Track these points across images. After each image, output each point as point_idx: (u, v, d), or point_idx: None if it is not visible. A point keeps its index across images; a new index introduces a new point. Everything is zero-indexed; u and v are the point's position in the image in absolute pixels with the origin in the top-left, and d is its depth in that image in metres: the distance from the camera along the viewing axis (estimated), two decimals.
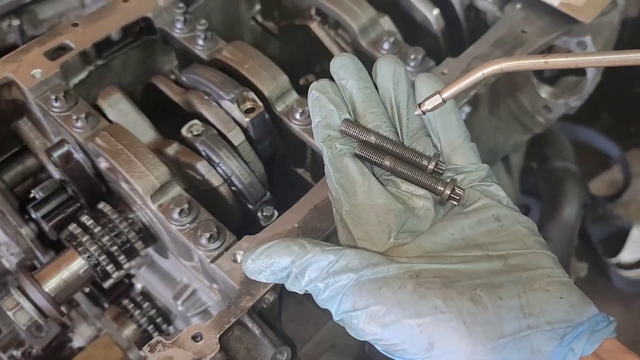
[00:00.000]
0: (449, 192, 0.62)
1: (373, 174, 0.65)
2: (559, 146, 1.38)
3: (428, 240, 0.59)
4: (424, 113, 0.63)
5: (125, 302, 1.11)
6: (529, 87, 1.22)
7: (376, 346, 0.56)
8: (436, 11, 1.06)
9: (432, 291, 0.53)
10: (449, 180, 0.63)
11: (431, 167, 0.64)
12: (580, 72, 1.15)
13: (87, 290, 1.21)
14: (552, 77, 1.30)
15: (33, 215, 0.98)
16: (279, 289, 0.80)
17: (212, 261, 0.78)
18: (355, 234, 0.61)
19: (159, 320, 1.10)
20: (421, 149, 0.65)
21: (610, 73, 1.18)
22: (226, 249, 0.79)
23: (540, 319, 0.52)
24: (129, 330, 1.10)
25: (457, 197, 0.63)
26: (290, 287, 0.60)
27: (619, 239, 2.04)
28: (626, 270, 2.02)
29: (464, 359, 0.51)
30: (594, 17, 1.00)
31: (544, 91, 1.21)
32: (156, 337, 0.70)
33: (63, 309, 1.22)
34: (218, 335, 0.72)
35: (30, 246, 1.11)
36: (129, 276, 1.15)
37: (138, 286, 1.15)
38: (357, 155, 0.65)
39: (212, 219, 0.80)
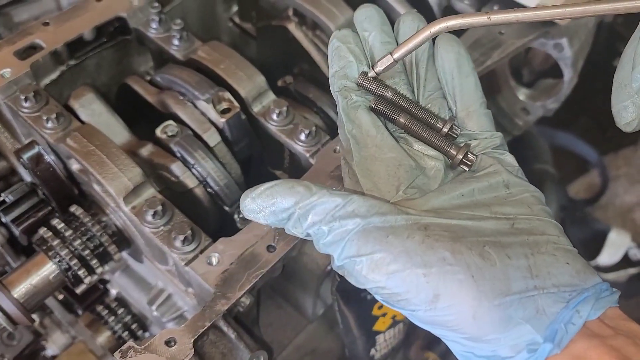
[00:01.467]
0: (461, 156, 0.61)
1: (387, 129, 0.64)
2: (537, 149, 1.38)
3: (437, 197, 0.58)
4: (377, 74, 0.63)
5: (100, 308, 1.08)
6: (507, 89, 1.22)
7: (376, 296, 0.55)
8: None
9: (440, 243, 0.52)
10: (462, 144, 0.62)
11: (445, 129, 0.63)
12: (557, 74, 1.15)
13: (60, 297, 1.18)
14: (531, 81, 1.31)
15: (3, 220, 0.96)
16: (256, 292, 0.78)
17: (187, 264, 0.76)
18: (364, 185, 0.59)
19: (134, 326, 1.08)
20: (436, 110, 0.64)
21: (588, 79, 1.19)
22: (201, 252, 0.77)
23: (546, 281, 0.51)
24: (103, 337, 1.08)
25: (469, 163, 0.62)
26: (292, 229, 0.58)
27: (598, 241, 2.06)
28: (605, 272, 2.03)
29: (469, 313, 0.50)
30: (570, 19, 1.00)
31: (522, 94, 1.21)
32: (128, 342, 0.68)
33: (35, 316, 1.19)
34: (192, 340, 0.70)
35: (0, 252, 1.09)
36: (104, 282, 1.12)
37: (113, 292, 1.13)
38: (371, 109, 0.64)
39: (187, 221, 0.79)
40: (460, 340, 0.52)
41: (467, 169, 0.62)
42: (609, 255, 2.04)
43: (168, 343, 0.69)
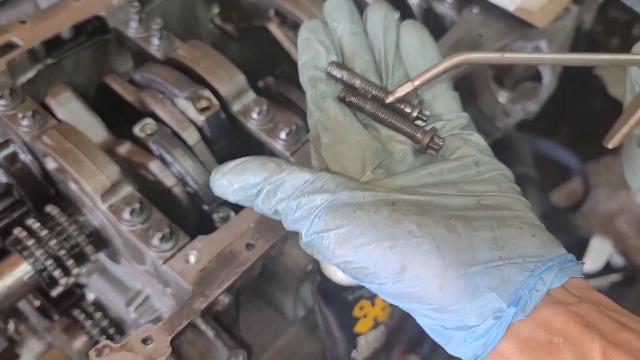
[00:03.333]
0: (427, 140, 0.61)
1: (355, 116, 0.64)
2: (518, 152, 1.39)
3: (405, 176, 0.59)
4: (396, 101, 0.64)
5: (76, 312, 1.06)
6: (487, 93, 1.23)
7: (345, 271, 0.54)
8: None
9: (407, 217, 0.52)
10: (429, 128, 0.63)
11: (414, 114, 0.63)
12: (536, 77, 1.16)
13: (37, 303, 1.16)
14: (512, 85, 1.32)
15: None
16: (235, 291, 0.77)
17: (165, 262, 0.75)
18: (332, 167, 0.60)
19: (111, 330, 1.06)
20: (405, 96, 0.65)
21: (569, 87, 1.21)
22: (179, 250, 0.76)
23: (512, 252, 0.51)
24: (80, 342, 1.05)
25: (436, 147, 0.62)
26: (260, 206, 0.58)
27: (580, 248, 2.07)
28: (587, 279, 2.04)
29: (435, 283, 0.50)
30: (548, 22, 1.01)
31: (502, 97, 1.22)
32: (104, 341, 0.67)
33: (11, 322, 1.16)
34: (169, 338, 0.68)
35: None
36: (81, 286, 1.10)
37: (90, 296, 1.11)
38: (340, 98, 0.64)
39: (165, 219, 0.78)
40: (428, 313, 0.52)
41: (434, 153, 0.63)
42: (591, 262, 2.06)
43: (145, 341, 0.68)
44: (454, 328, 0.51)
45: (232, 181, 0.57)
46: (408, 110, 0.63)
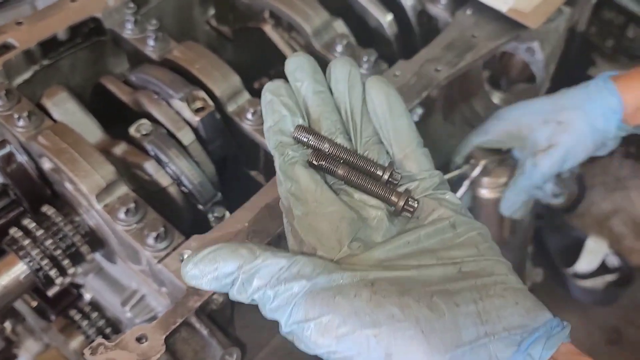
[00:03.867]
0: (402, 203, 0.60)
1: (326, 182, 0.62)
2: None
3: (382, 249, 0.57)
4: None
5: (73, 312, 1.07)
6: (481, 93, 1.24)
7: None
8: (389, 17, 1.07)
9: (388, 299, 0.51)
10: (403, 190, 0.62)
11: (385, 177, 0.61)
12: (530, 79, 1.17)
13: (34, 304, 1.16)
14: (508, 86, 1.33)
15: None
16: None
17: (159, 261, 0.75)
18: (308, 242, 0.58)
19: (108, 330, 1.06)
20: (375, 156, 0.63)
21: (561, 86, 1.21)
22: (174, 249, 0.76)
23: (497, 325, 0.50)
24: (77, 342, 1.06)
25: (411, 209, 0.60)
26: (236, 295, 0.55)
27: (575, 249, 2.08)
28: (582, 280, 2.05)
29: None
30: (540, 23, 1.02)
31: (496, 97, 1.23)
32: (98, 339, 0.67)
33: (7, 323, 1.17)
34: (164, 337, 0.69)
35: None
36: (77, 286, 1.11)
37: (87, 296, 1.11)
38: (309, 164, 0.62)
39: (160, 219, 0.78)
40: None
41: (410, 216, 0.61)
42: (586, 263, 2.06)
43: (139, 340, 0.68)
44: None
45: (205, 271, 0.54)
46: (379, 172, 0.61)
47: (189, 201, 0.86)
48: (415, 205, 0.60)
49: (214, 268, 0.54)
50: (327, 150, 0.62)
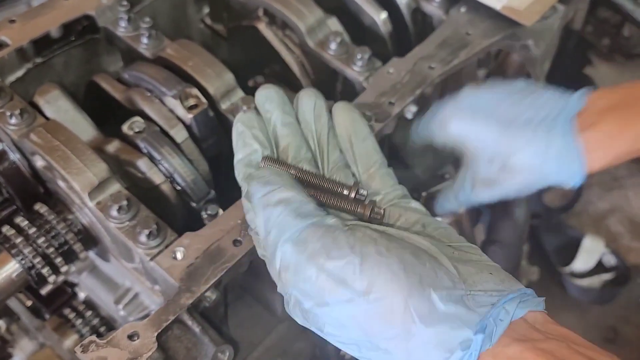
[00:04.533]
0: (368, 212, 0.63)
1: None
2: None
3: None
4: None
5: (67, 311, 1.06)
6: None
7: (306, 283, 0.55)
8: (384, 15, 1.07)
9: (377, 240, 0.55)
10: (367, 202, 0.65)
11: (352, 195, 0.65)
12: (527, 77, 1.17)
13: (29, 303, 1.16)
14: None
15: None
16: (222, 288, 0.78)
17: (152, 259, 0.75)
18: None
19: (102, 329, 1.06)
20: (342, 178, 0.67)
21: (558, 84, 1.21)
22: (166, 247, 0.76)
23: (473, 286, 0.53)
24: (71, 340, 1.06)
25: (378, 216, 0.64)
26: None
27: (572, 248, 2.08)
28: (579, 279, 2.05)
29: (400, 304, 0.51)
30: (534, 20, 1.02)
31: None
32: (90, 337, 0.67)
33: (1, 322, 1.16)
34: (155, 334, 0.69)
35: None
36: (72, 285, 1.11)
37: (81, 295, 1.11)
38: None
39: (152, 216, 0.78)
40: (395, 345, 0.52)
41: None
42: (583, 262, 2.06)
43: (131, 337, 0.68)
44: None
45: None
46: (346, 192, 0.65)
47: (182, 199, 0.86)
48: (382, 212, 0.64)
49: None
50: (294, 176, 0.65)
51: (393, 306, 0.52)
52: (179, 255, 0.75)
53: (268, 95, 0.68)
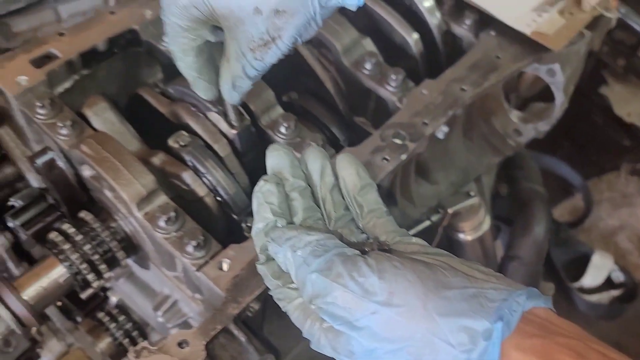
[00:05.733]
0: (375, 247, 0.67)
1: None
2: (528, 169, 1.43)
3: None
4: None
5: (101, 315, 1.09)
6: (500, 111, 1.27)
7: (332, 305, 0.60)
8: (416, 35, 1.11)
9: (391, 258, 0.62)
10: (372, 240, 0.69)
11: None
12: (549, 98, 1.20)
13: (59, 303, 1.19)
14: (518, 105, 1.36)
15: (10, 224, 0.97)
16: (264, 298, 0.81)
17: (198, 269, 0.78)
18: None
19: (134, 333, 1.09)
20: (347, 234, 0.71)
21: (572, 105, 1.25)
22: (212, 258, 0.79)
23: (484, 284, 0.59)
24: (104, 343, 1.08)
25: (386, 247, 0.68)
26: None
27: (581, 263, 2.11)
28: (588, 294, 2.08)
29: (419, 305, 0.57)
30: (563, 46, 1.06)
31: (515, 116, 1.26)
32: (142, 343, 0.70)
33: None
34: (204, 342, 0.72)
35: (1, 257, 1.09)
36: (104, 289, 1.14)
37: (113, 299, 1.14)
38: None
39: (198, 228, 0.81)
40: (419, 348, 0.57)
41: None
42: (592, 278, 2.09)
43: (180, 345, 0.71)
44: None
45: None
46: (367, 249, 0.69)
47: (224, 210, 0.89)
48: (389, 243, 0.68)
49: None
50: None
51: (414, 310, 0.57)
52: (225, 267, 0.78)
53: (278, 160, 0.72)
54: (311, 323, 0.65)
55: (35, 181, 1.02)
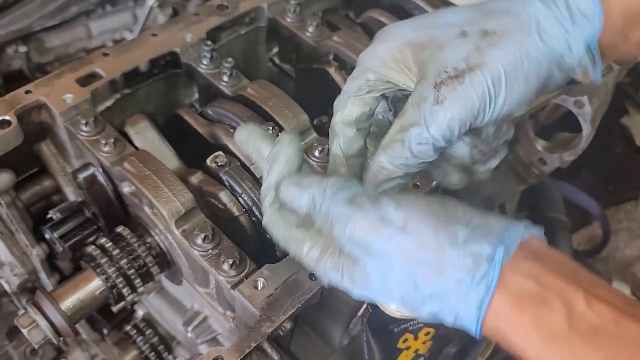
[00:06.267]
0: None
1: None
2: (551, 198, 1.44)
3: None
4: None
5: (128, 328, 1.12)
6: (526, 140, 1.29)
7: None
8: None
9: (407, 193, 0.70)
10: None
11: None
12: (576, 128, 1.22)
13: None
14: (535, 132, 1.38)
15: (47, 236, 1.00)
16: (295, 317, 0.83)
17: (233, 287, 0.80)
18: None
19: (160, 347, 1.11)
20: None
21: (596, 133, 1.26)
22: (247, 276, 0.81)
23: (487, 218, 0.63)
24: (130, 356, 1.10)
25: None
26: None
27: None
28: None
29: (431, 231, 0.62)
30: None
31: (540, 145, 1.28)
32: (179, 358, 0.72)
33: None
34: (238, 359, 0.74)
35: (34, 268, 1.12)
36: (132, 303, 1.16)
37: (139, 313, 1.16)
38: None
39: (234, 246, 0.83)
40: (430, 276, 0.62)
41: None
42: None
43: None
44: (453, 285, 0.60)
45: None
46: None
47: (258, 230, 0.91)
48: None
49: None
50: None
51: (426, 237, 0.62)
52: (260, 285, 0.80)
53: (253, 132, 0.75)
54: (329, 257, 0.68)
55: (72, 195, 1.05)
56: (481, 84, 0.63)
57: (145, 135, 0.96)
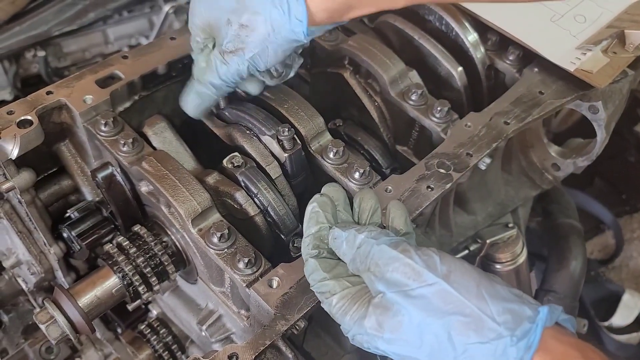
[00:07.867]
0: None
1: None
2: (564, 204, 1.44)
3: None
4: None
5: (142, 327, 1.13)
6: (539, 145, 1.29)
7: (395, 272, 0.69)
8: (460, 68, 1.14)
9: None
10: None
11: None
12: (590, 133, 1.22)
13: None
14: (549, 135, 1.37)
15: (65, 234, 1.01)
16: (309, 317, 0.83)
17: (248, 286, 0.81)
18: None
19: (174, 347, 1.12)
20: None
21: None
22: (261, 275, 0.82)
23: (525, 294, 0.70)
24: (144, 355, 1.11)
25: None
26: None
27: (611, 302, 2.08)
28: (617, 334, 2.05)
29: (474, 283, 0.67)
30: (606, 84, 1.08)
31: (554, 150, 1.28)
32: (193, 356, 0.73)
33: None
34: (253, 357, 0.75)
35: (50, 266, 1.14)
36: (146, 302, 1.17)
37: (153, 312, 1.17)
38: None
39: (250, 246, 0.84)
40: (469, 325, 0.64)
41: None
42: (622, 317, 2.06)
43: (230, 358, 0.74)
44: (491, 339, 0.63)
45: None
46: None
47: (273, 230, 0.92)
48: None
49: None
50: None
51: (468, 288, 0.66)
52: (275, 284, 0.81)
53: (334, 193, 0.79)
54: (357, 308, 0.71)
55: (89, 195, 1.07)
56: (245, 62, 0.89)
57: (163, 136, 0.97)
